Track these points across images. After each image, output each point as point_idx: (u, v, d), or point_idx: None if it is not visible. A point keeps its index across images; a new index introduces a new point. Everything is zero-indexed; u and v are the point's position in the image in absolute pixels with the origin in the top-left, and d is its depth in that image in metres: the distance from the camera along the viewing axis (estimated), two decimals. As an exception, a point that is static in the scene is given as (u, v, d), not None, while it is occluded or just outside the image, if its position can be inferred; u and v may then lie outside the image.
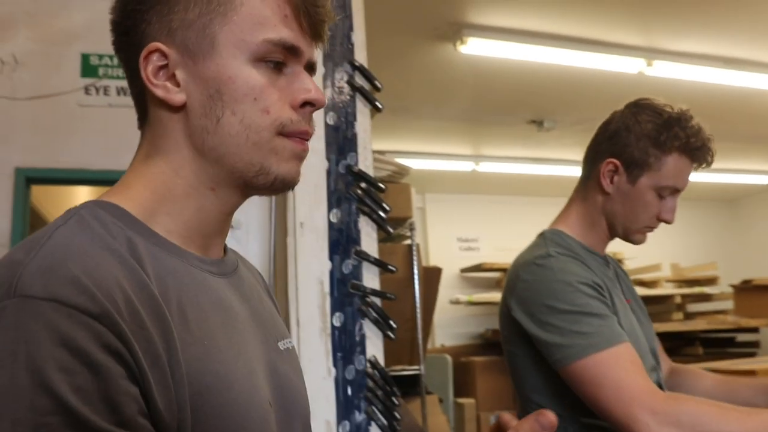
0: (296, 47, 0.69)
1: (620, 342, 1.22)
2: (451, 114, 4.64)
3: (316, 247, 1.74)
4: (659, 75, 3.92)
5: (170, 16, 0.68)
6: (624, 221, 1.38)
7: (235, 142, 0.68)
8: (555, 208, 5.90)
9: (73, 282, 0.54)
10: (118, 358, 0.54)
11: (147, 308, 0.59)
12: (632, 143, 1.35)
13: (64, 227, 0.61)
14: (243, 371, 0.66)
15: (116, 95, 2.89)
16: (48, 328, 0.52)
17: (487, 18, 3.41)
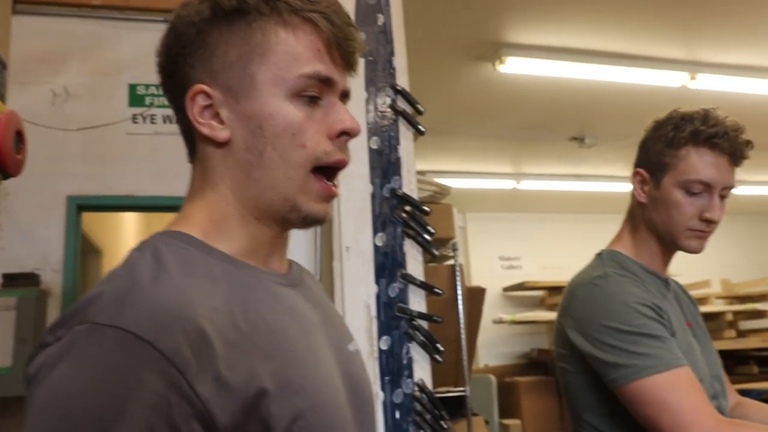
0: (330, 78, 0.73)
1: (679, 365, 1.20)
2: (490, 133, 4.63)
3: (362, 270, 1.74)
4: (703, 88, 3.86)
5: (212, 59, 0.73)
6: (663, 227, 1.36)
7: (274, 175, 0.72)
8: (598, 225, 5.86)
9: (139, 310, 0.59)
10: (169, 383, 0.57)
11: (218, 327, 0.62)
12: (651, 149, 1.37)
13: (140, 259, 0.66)
14: (324, 375, 0.70)
15: (162, 123, 2.96)
16: (108, 353, 0.56)
17: (525, 37, 3.40)
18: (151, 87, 2.98)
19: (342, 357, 0.78)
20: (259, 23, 0.72)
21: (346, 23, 0.74)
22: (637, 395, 1.19)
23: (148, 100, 2.97)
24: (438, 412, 1.73)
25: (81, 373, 0.56)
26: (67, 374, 0.57)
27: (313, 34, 0.72)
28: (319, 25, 0.72)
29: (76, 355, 0.57)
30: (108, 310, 0.59)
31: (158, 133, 2.94)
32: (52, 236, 2.79)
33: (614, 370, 1.22)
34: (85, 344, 0.58)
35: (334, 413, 0.68)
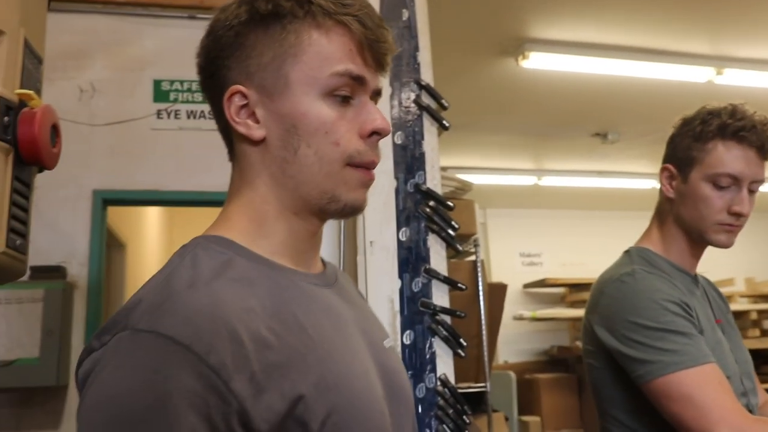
0: (361, 77, 0.75)
1: (707, 362, 1.19)
2: (512, 128, 4.61)
3: (386, 265, 1.75)
4: (730, 83, 3.80)
5: (248, 60, 0.75)
6: (692, 222, 1.36)
7: (309, 171, 0.74)
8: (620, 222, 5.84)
9: (176, 316, 0.62)
10: (207, 384, 0.59)
11: (253, 329, 0.64)
12: (678, 145, 1.38)
13: (178, 266, 0.70)
14: (359, 370, 0.72)
15: (186, 118, 2.99)
16: (148, 357, 0.59)
17: (549, 32, 3.38)
18: (176, 82, 3.00)
19: (377, 352, 0.80)
20: (294, 26, 0.74)
21: (378, 25, 0.76)
22: (663, 391, 1.19)
23: (173, 96, 2.99)
24: (460, 407, 1.74)
25: (125, 376, 0.60)
26: (112, 378, 0.60)
27: (345, 35, 0.75)
28: (351, 28, 0.74)
29: (119, 359, 0.61)
30: (147, 317, 0.62)
31: (182, 129, 2.96)
32: (78, 230, 2.83)
33: (641, 366, 1.22)
34: (127, 349, 0.61)
35: (369, 408, 0.70)
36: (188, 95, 2.99)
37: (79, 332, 2.71)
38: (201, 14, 3.08)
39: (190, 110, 2.97)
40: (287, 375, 0.63)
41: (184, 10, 3.05)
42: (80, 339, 2.71)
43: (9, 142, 0.81)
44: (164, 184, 2.89)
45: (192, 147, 2.94)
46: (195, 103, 2.98)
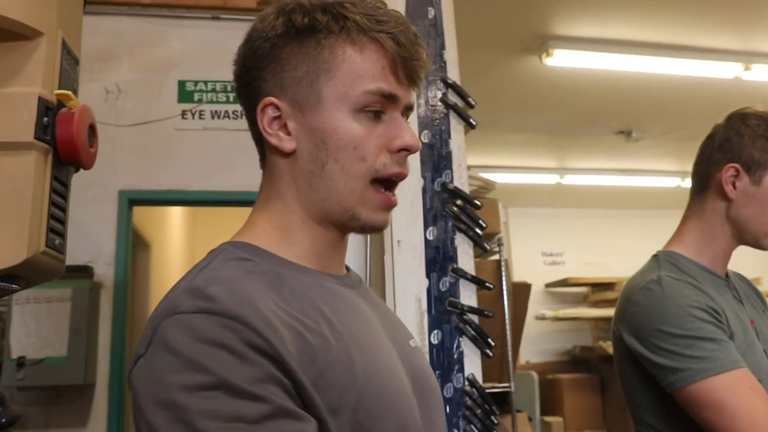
0: (393, 95, 0.76)
1: (737, 367, 1.18)
2: (535, 127, 4.58)
3: (414, 264, 1.74)
4: (758, 79, 3.74)
5: (282, 74, 0.77)
6: (753, 225, 1.34)
7: (335, 186, 0.76)
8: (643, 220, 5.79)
9: (214, 298, 0.64)
10: (256, 349, 0.61)
11: (296, 312, 0.67)
12: (748, 145, 1.33)
13: (212, 264, 0.72)
14: (387, 364, 0.74)
15: (210, 119, 3.00)
16: (197, 330, 0.61)
17: (573, 29, 3.35)
18: (200, 83, 3.02)
19: (404, 350, 0.81)
20: (329, 41, 0.75)
21: (413, 42, 0.76)
22: (694, 398, 1.18)
23: (197, 96, 3.01)
24: (488, 407, 1.72)
25: (181, 344, 0.60)
26: (167, 355, 0.61)
27: (379, 52, 0.75)
28: (384, 45, 0.75)
29: (171, 338, 0.62)
30: (189, 302, 0.64)
31: (207, 129, 2.98)
32: (104, 230, 2.86)
33: (671, 374, 1.21)
34: (175, 328, 0.62)
35: (398, 397, 0.71)
36: (212, 95, 3.00)
37: (105, 331, 2.74)
38: (224, 15, 3.09)
39: (214, 110, 2.98)
40: (317, 363, 0.65)
41: (207, 11, 3.07)
42: (107, 338, 2.73)
43: (48, 142, 0.82)
44: (189, 184, 2.90)
45: (216, 147, 2.96)
46: (219, 104, 2.99)
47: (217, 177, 2.94)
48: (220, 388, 0.58)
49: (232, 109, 3.03)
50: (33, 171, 0.79)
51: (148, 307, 3.80)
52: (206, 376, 0.59)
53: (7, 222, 0.78)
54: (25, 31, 0.80)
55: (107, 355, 2.72)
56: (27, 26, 0.80)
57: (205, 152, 2.97)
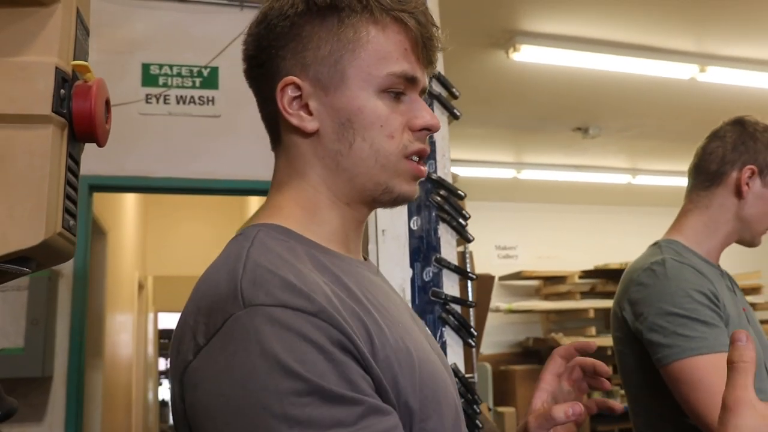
0: (415, 77, 0.76)
1: (722, 351, 1.24)
2: (495, 121, 4.63)
3: (398, 254, 1.73)
4: (712, 81, 3.87)
5: (304, 52, 0.76)
6: (755, 224, 1.45)
7: (365, 164, 0.76)
8: (595, 215, 5.93)
9: (289, 287, 0.62)
10: (341, 347, 0.60)
11: (350, 300, 0.67)
12: (762, 150, 1.44)
13: (253, 247, 0.69)
14: (426, 348, 0.74)
15: (176, 104, 2.91)
16: (283, 327, 0.58)
17: (540, 25, 3.39)
18: (165, 66, 2.93)
19: (429, 339, 0.83)
20: (352, 20, 0.75)
21: (431, 23, 0.77)
22: (676, 375, 1.24)
23: (162, 80, 2.91)
24: (471, 397, 1.73)
25: (268, 342, 0.58)
26: (242, 357, 0.58)
27: (401, 33, 0.76)
28: (408, 25, 0.75)
29: (247, 338, 0.59)
30: (262, 293, 0.61)
31: (172, 114, 2.89)
32: (61, 216, 2.72)
33: (660, 350, 1.28)
34: (253, 326, 0.59)
35: (444, 381, 0.73)
36: (178, 80, 2.91)
37: (64, 322, 2.62)
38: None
39: (180, 95, 2.89)
40: (382, 351, 0.64)
41: (174, -7, 2.98)
42: (66, 329, 2.62)
43: (64, 116, 0.78)
44: (153, 171, 2.81)
45: (181, 133, 2.87)
46: (185, 88, 2.90)
47: (182, 164, 2.86)
48: (315, 394, 0.56)
49: (198, 95, 2.95)
50: (50, 146, 0.75)
51: (104, 296, 3.68)
52: (299, 381, 0.56)
53: (23, 200, 0.74)
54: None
55: (65, 347, 2.61)
56: (44, -9, 0.76)
57: (170, 138, 2.88)
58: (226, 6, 3.04)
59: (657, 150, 5.38)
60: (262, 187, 2.94)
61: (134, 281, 5.30)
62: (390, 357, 0.64)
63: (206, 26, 2.99)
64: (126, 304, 4.85)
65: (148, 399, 7.32)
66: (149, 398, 7.42)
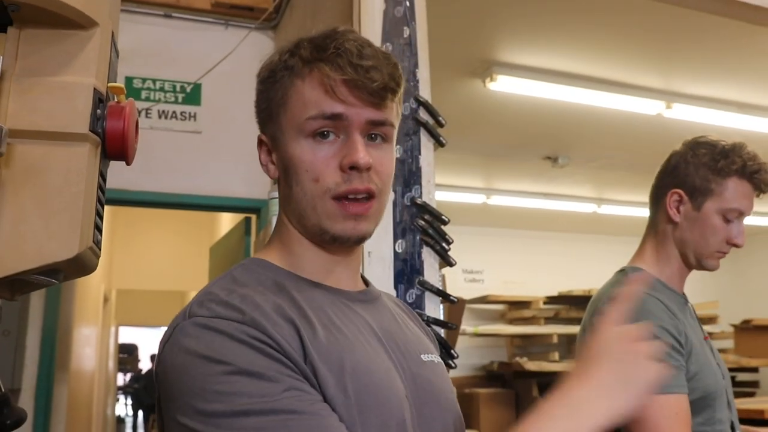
0: (337, 114, 0.80)
1: (675, 392, 1.26)
2: (469, 147, 4.71)
3: (383, 276, 1.77)
4: (677, 117, 4.02)
5: (260, 114, 0.89)
6: (695, 247, 1.45)
7: (301, 206, 0.83)
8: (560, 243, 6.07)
9: (226, 305, 0.75)
10: (265, 344, 0.71)
11: (292, 311, 0.76)
12: (692, 173, 1.45)
13: (222, 279, 0.83)
14: (380, 366, 0.79)
15: (158, 118, 2.93)
16: (213, 330, 0.72)
17: (517, 57, 3.50)
18: (148, 81, 2.94)
19: (409, 363, 0.84)
20: (283, 80, 0.84)
21: (356, 64, 0.79)
22: None
23: (144, 94, 2.93)
24: (450, 418, 1.77)
25: (196, 338, 0.72)
26: (185, 345, 0.73)
27: (318, 79, 0.81)
28: (324, 71, 0.80)
29: (186, 336, 0.74)
30: (202, 310, 0.75)
31: (153, 128, 2.90)
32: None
33: None
34: (191, 326, 0.74)
35: (385, 395, 0.76)
36: (161, 94, 2.93)
37: (35, 333, 2.59)
38: (177, 13, 3.03)
39: (162, 110, 2.91)
40: (312, 355, 0.73)
41: (159, 8, 3.00)
42: (36, 340, 2.59)
43: (99, 135, 0.81)
44: (133, 184, 2.81)
45: (162, 148, 2.88)
46: (168, 103, 2.92)
47: (162, 178, 2.87)
48: (241, 374, 0.68)
49: (180, 110, 2.97)
50: (86, 163, 0.78)
51: (73, 308, 3.62)
52: (225, 365, 0.69)
53: (59, 214, 0.77)
54: (83, 20, 0.79)
55: (36, 359, 2.58)
56: (85, 15, 0.80)
57: (151, 152, 2.89)
58: (211, 24, 3.07)
59: (623, 181, 5.54)
60: (239, 204, 2.96)
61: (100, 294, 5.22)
62: (317, 360, 0.73)
63: (191, 43, 3.01)
64: (92, 317, 4.77)
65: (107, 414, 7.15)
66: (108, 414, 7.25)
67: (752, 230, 7.36)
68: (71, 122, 0.75)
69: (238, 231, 3.26)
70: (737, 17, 2.57)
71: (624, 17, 3.12)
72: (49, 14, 0.74)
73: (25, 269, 0.71)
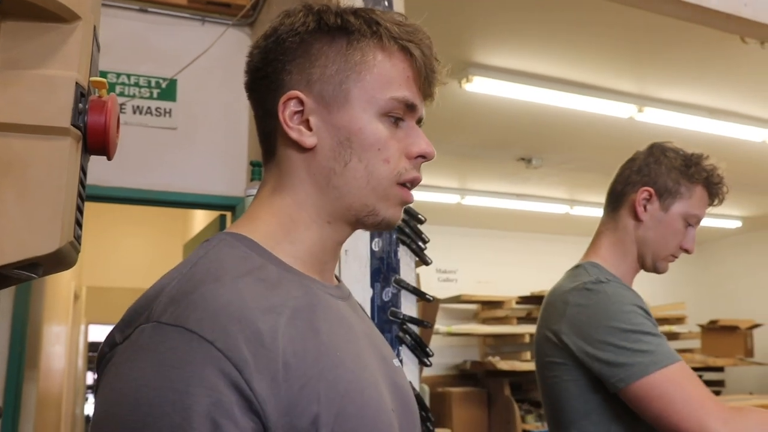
0: (414, 105, 0.79)
1: (678, 359, 1.28)
2: (444, 148, 4.74)
3: (359, 274, 1.78)
4: (649, 121, 4.10)
5: (311, 69, 0.78)
6: (654, 247, 1.47)
7: (356, 184, 0.77)
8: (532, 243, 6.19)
9: (201, 310, 0.63)
10: (229, 382, 0.60)
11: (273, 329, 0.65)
12: (663, 173, 1.47)
13: (203, 258, 0.72)
14: (370, 380, 0.72)
15: (132, 114, 2.90)
16: (172, 352, 0.60)
17: (493, 59, 3.53)
18: (123, 76, 2.91)
19: (387, 368, 0.81)
20: (361, 44, 0.78)
21: (435, 58, 0.80)
22: (645, 392, 1.25)
23: (119, 89, 2.89)
24: (425, 414, 1.79)
25: (147, 371, 0.60)
26: (135, 371, 0.61)
27: (406, 62, 0.79)
28: (414, 55, 0.78)
29: (142, 353, 0.62)
30: (172, 309, 0.64)
31: (127, 124, 2.87)
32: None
33: (620, 370, 1.27)
34: (150, 343, 0.62)
35: (378, 417, 0.70)
36: (135, 90, 2.90)
37: (3, 332, 2.55)
38: (152, 8, 3.00)
39: (136, 105, 2.88)
40: (302, 379, 0.64)
41: (136, 2, 2.97)
42: (5, 339, 2.54)
43: (80, 129, 0.81)
44: (104, 180, 2.78)
45: (136, 144, 2.85)
46: (142, 99, 2.89)
47: (135, 174, 2.84)
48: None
49: (155, 106, 2.94)
50: (67, 157, 0.78)
51: (42, 305, 3.57)
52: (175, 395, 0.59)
53: (40, 208, 0.76)
54: (65, 14, 0.79)
55: (5, 357, 2.54)
56: (67, 8, 0.79)
57: (124, 148, 2.83)
58: (187, 19, 3.05)
59: (595, 183, 5.61)
60: (215, 202, 2.94)
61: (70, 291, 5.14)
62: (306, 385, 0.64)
63: (167, 38, 2.99)
64: (62, 315, 4.70)
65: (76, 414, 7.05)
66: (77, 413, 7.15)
67: (719, 233, 7.53)
68: (53, 116, 0.75)
69: (212, 228, 3.24)
70: (709, 25, 2.62)
71: (599, 22, 3.17)
72: (31, 7, 0.74)
73: (4, 263, 0.70)
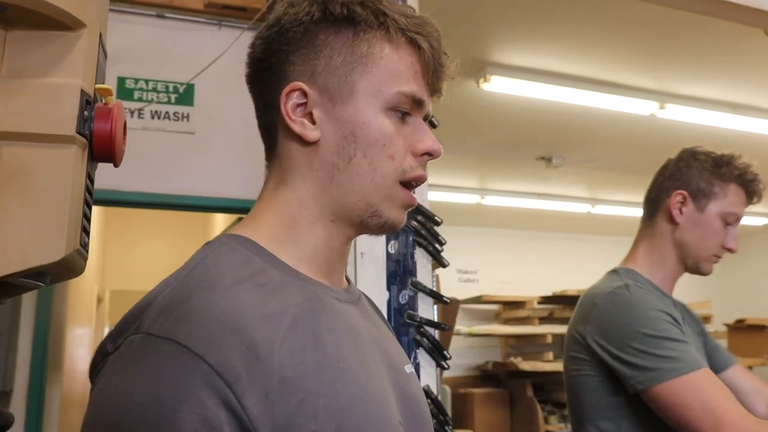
0: (421, 100, 0.76)
1: (702, 367, 1.28)
2: (463, 148, 4.72)
3: (376, 277, 1.77)
4: (670, 118, 4.04)
5: (315, 60, 0.74)
6: (694, 249, 1.48)
7: (360, 181, 0.73)
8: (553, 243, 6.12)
9: (192, 322, 0.60)
10: (219, 399, 0.56)
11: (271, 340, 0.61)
12: (695, 176, 1.49)
13: (199, 265, 0.68)
14: (375, 392, 0.68)
15: (150, 118, 2.92)
16: (160, 365, 0.57)
17: (511, 58, 3.50)
18: (141, 81, 2.93)
19: (397, 376, 0.77)
20: (367, 35, 0.74)
21: (443, 52, 0.77)
22: (665, 397, 1.26)
23: (137, 95, 2.91)
24: (443, 418, 1.77)
25: (134, 385, 0.57)
26: (121, 385, 0.58)
27: (414, 55, 0.75)
28: (422, 48, 0.75)
29: (130, 366, 0.59)
30: (162, 320, 0.60)
31: (146, 129, 2.89)
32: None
33: (641, 373, 1.29)
34: (137, 356, 0.59)
35: (381, 430, 0.66)
36: (153, 95, 2.92)
37: (27, 334, 2.58)
38: (170, 14, 3.02)
39: (154, 110, 2.90)
40: (300, 394, 0.60)
41: (152, 8, 2.99)
42: (28, 341, 2.58)
43: (86, 137, 0.81)
44: (125, 185, 2.80)
45: (155, 149, 2.87)
46: (160, 104, 2.91)
47: (154, 179, 2.86)
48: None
49: (173, 111, 2.96)
50: (72, 166, 0.78)
51: (66, 309, 3.61)
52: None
53: (45, 217, 0.76)
54: (70, 22, 0.79)
55: (28, 360, 2.57)
56: (72, 16, 0.79)
57: (143, 153, 2.87)
58: (204, 24, 3.06)
59: (616, 181, 5.56)
60: (233, 205, 2.95)
61: (93, 294, 5.21)
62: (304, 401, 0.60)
63: (184, 43, 3.00)
64: (85, 318, 4.76)
65: (100, 416, 7.12)
66: (101, 415, 7.21)
67: (746, 230, 7.40)
68: (58, 124, 0.74)
69: (231, 231, 3.25)
70: (729, 18, 2.57)
71: (617, 19, 3.13)
72: (36, 15, 0.73)
73: (10, 272, 0.70)
